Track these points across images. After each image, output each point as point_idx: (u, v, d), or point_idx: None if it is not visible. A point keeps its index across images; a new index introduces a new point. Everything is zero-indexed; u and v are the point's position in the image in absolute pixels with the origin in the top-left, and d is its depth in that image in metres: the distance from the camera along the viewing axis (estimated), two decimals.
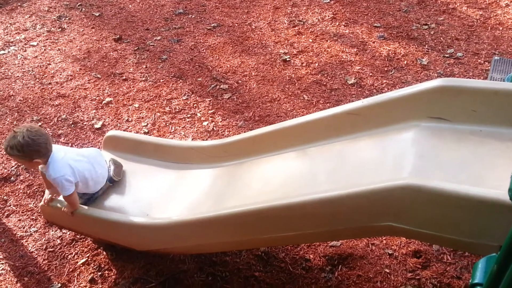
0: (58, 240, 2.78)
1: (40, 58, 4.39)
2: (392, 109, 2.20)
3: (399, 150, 2.09)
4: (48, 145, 2.28)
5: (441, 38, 4.31)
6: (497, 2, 4.78)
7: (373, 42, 4.32)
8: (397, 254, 2.57)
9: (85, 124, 3.63)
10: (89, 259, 2.66)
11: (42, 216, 2.85)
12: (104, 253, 2.69)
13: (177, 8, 5.10)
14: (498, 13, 4.61)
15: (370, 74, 3.94)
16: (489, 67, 3.79)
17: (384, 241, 2.64)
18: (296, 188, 2.26)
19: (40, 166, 2.39)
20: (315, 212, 1.91)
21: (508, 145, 1.90)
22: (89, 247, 2.73)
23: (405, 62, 4.05)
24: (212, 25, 4.76)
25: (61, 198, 2.54)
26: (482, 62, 3.97)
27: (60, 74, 4.17)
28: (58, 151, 2.37)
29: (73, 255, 2.69)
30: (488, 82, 2.11)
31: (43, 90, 4.00)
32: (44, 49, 4.52)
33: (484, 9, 4.68)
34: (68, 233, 2.80)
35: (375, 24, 4.57)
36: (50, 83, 4.07)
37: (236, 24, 4.76)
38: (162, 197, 2.60)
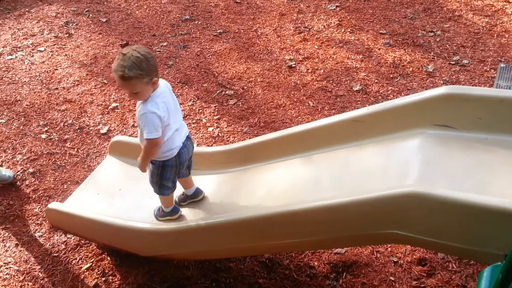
0: (62, 245, 2.79)
1: (47, 64, 4.43)
2: (398, 116, 2.20)
3: (404, 158, 2.09)
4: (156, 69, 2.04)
5: (447, 45, 4.31)
6: (503, 9, 4.77)
7: (379, 49, 4.33)
8: (402, 262, 2.55)
9: (91, 129, 3.65)
10: (93, 265, 2.66)
11: (47, 221, 2.86)
12: (109, 258, 2.69)
13: (184, 14, 5.13)
14: (504, 20, 4.60)
15: (376, 81, 3.94)
16: (495, 75, 3.78)
17: (389, 249, 2.63)
18: (301, 195, 2.26)
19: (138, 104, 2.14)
20: (320, 219, 1.90)
21: None
22: (93, 252, 2.73)
23: (411, 69, 4.04)
24: (218, 31, 4.79)
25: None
26: (488, 69, 3.96)
27: (67, 80, 4.20)
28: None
29: (77, 260, 2.70)
30: (493, 90, 2.11)
31: (50, 95, 4.02)
32: (51, 55, 4.56)
33: (490, 17, 4.68)
34: (72, 238, 2.81)
35: (380, 31, 4.57)
36: (57, 88, 4.10)
37: (242, 31, 4.78)
38: None
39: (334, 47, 4.39)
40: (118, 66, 1.98)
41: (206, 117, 3.70)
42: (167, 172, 2.30)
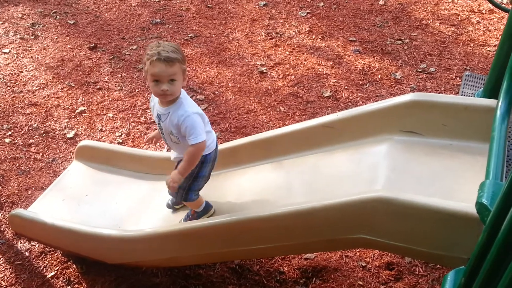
0: (26, 252, 2.70)
1: (12, 66, 4.30)
2: (366, 122, 2.23)
3: (373, 163, 2.12)
4: None
5: (414, 53, 4.41)
6: (469, 19, 4.92)
7: (349, 56, 4.39)
8: (370, 267, 2.58)
9: (57, 134, 3.55)
10: (59, 273, 2.58)
11: (10, 228, 2.76)
12: (74, 266, 2.62)
13: (154, 17, 5.08)
14: (470, 29, 4.74)
15: (346, 87, 3.99)
16: (461, 82, 3.89)
17: (358, 254, 2.66)
18: (271, 200, 2.26)
19: (161, 109, 2.04)
20: (290, 224, 1.90)
21: (478, 159, 1.94)
22: (58, 260, 2.65)
23: (379, 76, 4.12)
24: (189, 35, 4.76)
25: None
26: (454, 77, 4.08)
27: (32, 82, 4.09)
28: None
29: (42, 268, 2.61)
30: (458, 98, 2.17)
31: (14, 98, 3.90)
32: (17, 57, 4.43)
33: (456, 26, 4.82)
34: (37, 245, 2.72)
35: (350, 38, 4.64)
36: (21, 91, 3.98)
37: (213, 35, 4.76)
38: (135, 208, 2.56)
39: (305, 53, 4.43)
40: (161, 51, 1.90)
41: None
42: (205, 168, 2.10)
